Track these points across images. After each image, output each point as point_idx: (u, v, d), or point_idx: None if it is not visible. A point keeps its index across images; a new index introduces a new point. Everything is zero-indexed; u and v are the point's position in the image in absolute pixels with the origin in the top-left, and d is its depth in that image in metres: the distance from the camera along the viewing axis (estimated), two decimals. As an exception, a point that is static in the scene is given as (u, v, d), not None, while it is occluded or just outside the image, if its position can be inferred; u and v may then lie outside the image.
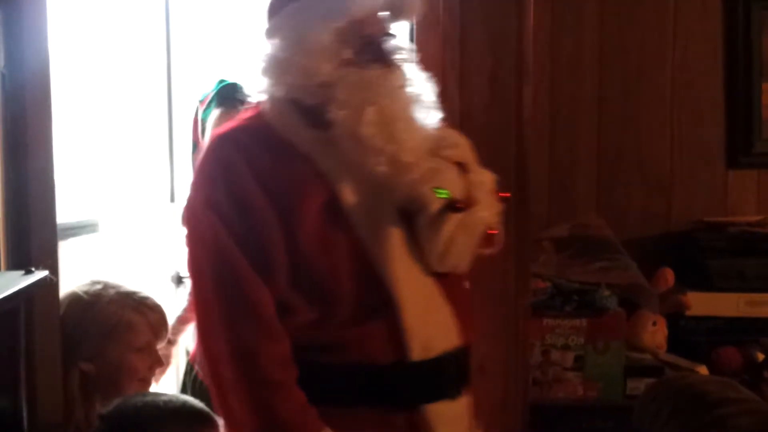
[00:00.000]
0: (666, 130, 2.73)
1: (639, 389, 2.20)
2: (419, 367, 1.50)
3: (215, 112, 2.29)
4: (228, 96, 2.30)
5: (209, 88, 2.36)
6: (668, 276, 2.52)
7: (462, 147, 1.61)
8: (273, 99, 1.56)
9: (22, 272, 1.52)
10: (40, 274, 1.52)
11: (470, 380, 1.61)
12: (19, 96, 1.70)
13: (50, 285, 1.62)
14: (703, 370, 2.38)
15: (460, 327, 1.56)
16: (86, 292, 1.98)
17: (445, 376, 1.54)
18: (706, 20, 2.72)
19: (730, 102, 2.73)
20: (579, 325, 2.27)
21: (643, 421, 1.69)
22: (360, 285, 1.48)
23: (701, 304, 2.50)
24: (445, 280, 1.56)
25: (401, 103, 1.49)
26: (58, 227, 1.82)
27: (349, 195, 1.50)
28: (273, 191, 1.47)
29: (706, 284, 2.52)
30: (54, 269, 1.72)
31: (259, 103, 1.60)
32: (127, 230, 2.82)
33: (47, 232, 1.76)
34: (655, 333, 2.49)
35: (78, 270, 2.15)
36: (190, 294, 2.52)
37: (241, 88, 2.33)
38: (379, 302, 1.49)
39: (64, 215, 2.21)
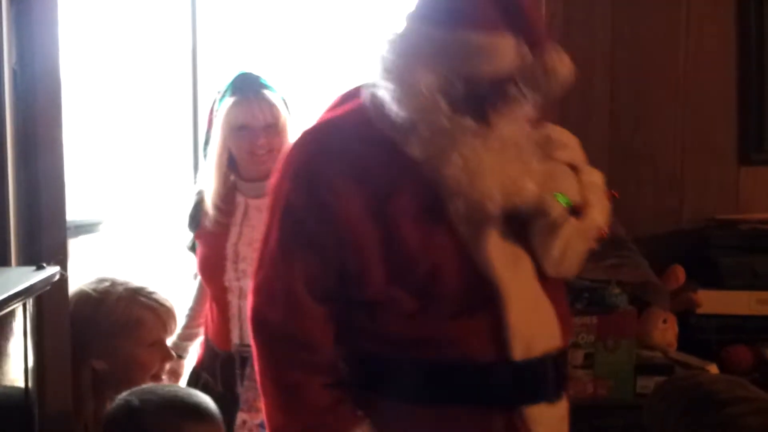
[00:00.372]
0: (677, 127, 2.71)
1: (649, 387, 2.19)
2: (520, 367, 1.45)
3: (228, 101, 2.26)
4: (242, 85, 2.28)
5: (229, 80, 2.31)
6: (679, 273, 2.50)
7: (572, 147, 1.56)
8: (372, 94, 1.47)
9: (34, 268, 1.54)
10: (51, 270, 1.54)
11: (568, 384, 1.56)
12: (31, 94, 1.71)
13: (61, 280, 1.63)
14: (713, 368, 2.37)
15: (561, 328, 1.51)
16: (94, 290, 1.99)
17: (546, 377, 1.48)
18: (719, 17, 2.70)
19: (743, 99, 2.71)
20: (589, 322, 2.25)
21: (653, 419, 1.69)
22: (463, 281, 1.43)
23: (712, 301, 2.49)
24: (547, 280, 1.51)
25: (491, 159, 1.40)
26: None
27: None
28: (368, 188, 1.41)
29: (718, 282, 2.50)
30: (64, 265, 1.74)
31: (357, 93, 1.51)
32: (129, 231, 2.80)
33: (58, 228, 1.78)
34: (665, 331, 2.48)
35: (83, 269, 2.16)
36: (192, 310, 2.52)
37: (257, 78, 2.31)
38: (482, 299, 1.43)
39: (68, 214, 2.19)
